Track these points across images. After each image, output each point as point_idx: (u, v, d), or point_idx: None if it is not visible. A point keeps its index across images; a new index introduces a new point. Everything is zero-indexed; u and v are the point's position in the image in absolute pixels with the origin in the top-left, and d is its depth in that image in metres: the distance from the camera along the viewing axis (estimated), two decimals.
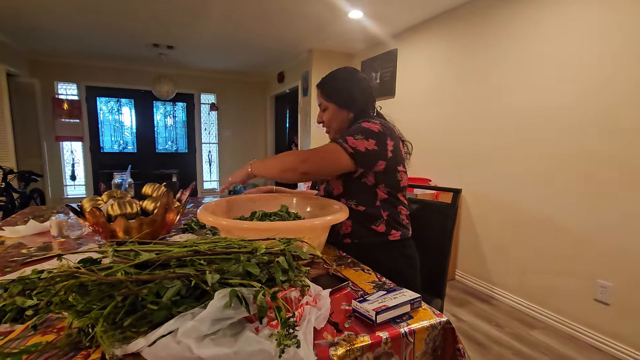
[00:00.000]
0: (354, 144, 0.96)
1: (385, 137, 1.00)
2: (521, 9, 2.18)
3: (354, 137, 0.97)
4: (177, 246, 0.58)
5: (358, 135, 0.97)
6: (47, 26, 3.31)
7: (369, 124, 1.00)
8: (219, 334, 0.50)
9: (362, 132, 0.98)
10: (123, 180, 1.47)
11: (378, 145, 0.98)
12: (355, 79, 1.12)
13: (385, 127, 1.02)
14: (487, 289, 2.46)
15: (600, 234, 1.80)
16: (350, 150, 0.96)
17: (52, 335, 0.53)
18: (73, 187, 5.04)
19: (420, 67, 3.03)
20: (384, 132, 1.00)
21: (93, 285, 0.52)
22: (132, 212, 0.94)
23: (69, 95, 4.81)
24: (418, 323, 0.60)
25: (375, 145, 0.97)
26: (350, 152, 0.96)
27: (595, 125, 1.82)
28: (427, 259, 1.31)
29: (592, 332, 1.85)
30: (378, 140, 0.98)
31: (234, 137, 5.85)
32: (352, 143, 0.96)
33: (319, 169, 0.98)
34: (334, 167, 0.99)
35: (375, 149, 0.97)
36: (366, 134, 0.97)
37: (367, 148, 0.96)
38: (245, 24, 3.17)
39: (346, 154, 0.96)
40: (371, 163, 0.99)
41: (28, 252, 0.95)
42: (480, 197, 2.51)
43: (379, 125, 1.00)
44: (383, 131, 1.00)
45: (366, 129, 0.99)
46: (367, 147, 0.96)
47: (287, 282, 0.57)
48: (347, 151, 0.96)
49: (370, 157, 0.97)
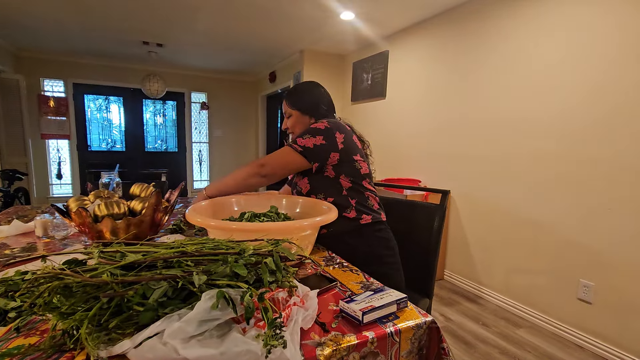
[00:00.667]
0: (302, 143, 1.09)
1: (332, 131, 1.11)
2: (514, 13, 2.22)
3: (302, 138, 1.10)
4: (164, 247, 0.58)
5: (306, 135, 1.10)
6: (33, 22, 3.24)
7: (316, 124, 1.13)
8: (206, 335, 0.50)
9: (309, 132, 1.11)
10: (111, 179, 1.45)
11: (326, 140, 1.09)
12: (316, 90, 1.28)
13: (332, 123, 1.13)
14: (475, 288, 2.50)
15: (583, 234, 1.85)
16: (300, 149, 1.09)
17: (35, 337, 0.52)
18: (59, 186, 4.94)
19: (411, 69, 3.06)
20: (331, 128, 1.11)
21: (78, 287, 0.52)
22: (119, 213, 0.93)
23: (56, 93, 4.71)
24: (404, 323, 0.61)
25: (323, 140, 1.09)
26: (300, 150, 1.09)
27: (579, 128, 1.87)
28: (416, 259, 1.33)
29: (575, 331, 1.89)
30: (326, 136, 1.10)
31: (225, 136, 5.82)
32: (301, 142, 1.09)
33: (277, 170, 1.10)
34: (290, 166, 1.11)
35: (324, 144, 1.09)
36: (313, 133, 1.10)
37: (315, 144, 1.08)
38: (237, 23, 3.16)
39: (297, 152, 1.09)
40: (323, 156, 1.10)
41: (11, 253, 0.93)
42: (468, 198, 2.55)
43: (326, 122, 1.13)
44: (330, 127, 1.11)
45: (313, 128, 1.12)
46: (314, 143, 1.09)
47: (274, 283, 0.58)
48: (297, 150, 1.09)
49: (320, 151, 1.09)
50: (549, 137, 2.01)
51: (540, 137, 2.05)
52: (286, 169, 1.11)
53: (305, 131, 1.12)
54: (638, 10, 1.63)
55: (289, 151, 1.10)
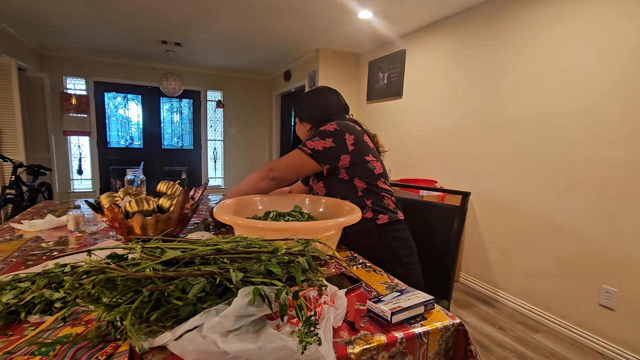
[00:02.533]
0: (311, 146, 1.09)
1: (342, 133, 1.10)
2: (535, 12, 2.18)
3: (312, 140, 1.10)
4: (200, 244, 0.60)
5: (315, 137, 1.11)
6: (56, 22, 3.34)
7: (325, 126, 1.13)
8: (242, 330, 0.52)
9: (318, 135, 1.11)
10: (135, 176, 1.49)
11: (335, 142, 1.09)
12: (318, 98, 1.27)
13: (342, 125, 1.13)
14: (491, 291, 2.47)
15: (607, 239, 1.81)
16: (309, 152, 1.09)
17: (80, 327, 0.55)
18: (80, 181, 5.09)
19: (429, 69, 3.03)
20: (340, 130, 1.11)
21: (121, 280, 0.54)
22: (149, 209, 0.96)
23: (77, 90, 4.85)
24: (431, 324, 0.62)
25: (332, 142, 1.09)
26: (310, 152, 1.09)
27: (605, 130, 1.82)
28: (434, 261, 1.33)
29: (596, 338, 1.85)
30: (335, 138, 1.09)
31: (239, 134, 5.88)
32: (310, 145, 1.10)
33: (285, 173, 1.11)
34: (300, 169, 1.12)
35: (334, 146, 1.09)
36: (322, 135, 1.10)
37: (324, 147, 1.09)
38: (254, 22, 3.19)
39: (306, 155, 1.09)
40: (333, 158, 1.10)
41: (47, 246, 0.97)
42: (485, 199, 2.52)
43: (335, 124, 1.12)
44: (339, 129, 1.11)
45: (322, 131, 1.11)
46: (324, 145, 1.09)
47: (306, 282, 0.59)
48: (306, 153, 1.09)
49: (329, 154, 1.09)
50: (572, 138, 1.97)
51: (563, 138, 2.01)
52: (296, 171, 1.12)
53: (315, 134, 1.13)
54: None
55: (299, 154, 1.10)
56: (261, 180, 1.12)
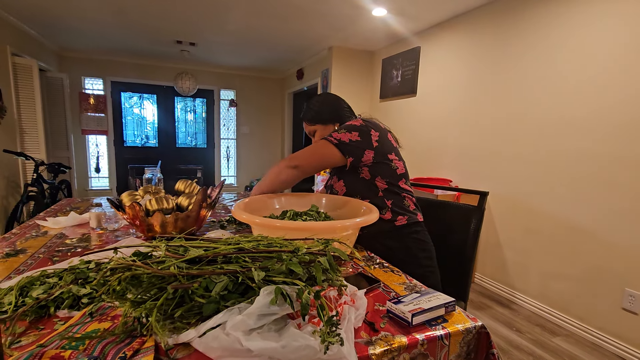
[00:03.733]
0: (337, 137, 1.09)
1: (368, 129, 1.11)
2: (555, 7, 2.12)
3: (338, 132, 1.11)
4: (222, 243, 0.61)
5: (342, 130, 1.11)
6: (75, 23, 3.43)
7: (351, 121, 1.15)
8: (264, 329, 0.52)
9: (345, 128, 1.12)
10: (153, 175, 1.52)
11: (361, 136, 1.09)
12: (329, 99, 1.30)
13: (368, 121, 1.14)
14: (508, 293, 2.43)
15: (629, 240, 1.75)
16: (335, 142, 1.09)
17: (107, 322, 0.56)
18: (97, 179, 5.22)
19: (444, 66, 2.99)
20: (366, 125, 1.12)
21: (146, 278, 0.55)
22: (168, 208, 0.98)
23: (95, 90, 4.97)
24: (453, 326, 0.61)
25: (358, 136, 1.09)
26: (335, 142, 1.09)
27: (626, 131, 1.76)
28: (450, 261, 1.31)
29: (618, 342, 1.80)
30: (361, 132, 1.10)
31: (252, 133, 5.92)
32: (337, 136, 1.10)
33: (309, 161, 1.10)
34: (323, 158, 1.11)
35: (359, 140, 1.09)
36: (349, 129, 1.11)
37: (350, 139, 1.09)
38: (267, 22, 3.20)
39: (332, 144, 1.09)
40: (357, 152, 1.09)
41: (71, 243, 1.00)
42: (502, 199, 2.47)
43: (361, 120, 1.14)
44: (365, 124, 1.12)
45: (348, 125, 1.13)
46: (350, 138, 1.09)
47: (326, 282, 0.59)
48: (332, 143, 1.09)
49: (354, 146, 1.09)
50: (593, 137, 1.91)
51: (583, 137, 1.96)
52: (319, 161, 1.11)
53: (341, 127, 1.13)
54: None
55: (324, 143, 1.10)
56: (283, 171, 1.08)
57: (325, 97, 1.32)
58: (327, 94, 1.34)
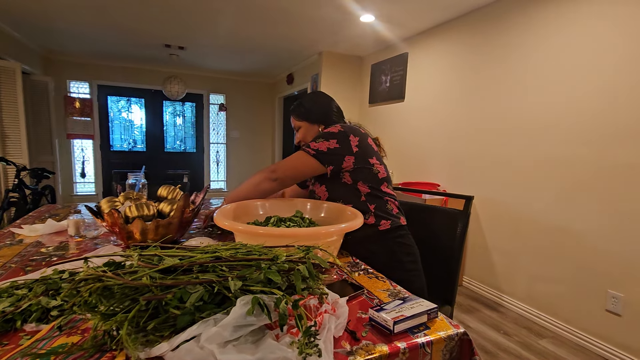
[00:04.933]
0: (315, 147, 1.09)
1: (347, 134, 1.10)
2: (540, 14, 2.16)
3: (316, 142, 1.10)
4: (199, 252, 0.59)
5: (319, 139, 1.10)
6: (61, 26, 3.37)
7: (329, 128, 1.14)
8: (241, 340, 0.51)
9: (322, 136, 1.11)
10: (137, 180, 1.49)
11: (340, 143, 1.09)
12: (321, 98, 1.29)
13: (346, 127, 1.13)
14: (495, 296, 2.45)
15: (612, 243, 1.78)
16: (313, 152, 1.08)
17: (76, 336, 0.54)
18: (83, 184, 5.11)
19: (431, 72, 3.02)
20: (345, 131, 1.11)
21: (118, 289, 0.53)
22: (149, 214, 0.95)
23: (81, 94, 4.88)
24: (435, 334, 0.61)
25: (337, 143, 1.09)
26: (313, 153, 1.08)
27: (608, 132, 1.80)
28: (437, 265, 1.31)
29: (602, 343, 1.82)
30: (339, 139, 1.09)
31: (242, 137, 5.89)
32: (314, 146, 1.09)
33: (288, 173, 1.11)
34: (303, 170, 1.11)
35: (338, 147, 1.08)
36: (326, 137, 1.10)
37: (328, 148, 1.08)
38: (257, 26, 3.19)
39: (310, 156, 1.09)
40: (337, 160, 1.09)
41: (47, 252, 0.97)
42: (489, 203, 2.49)
43: (339, 126, 1.13)
44: (344, 130, 1.11)
45: (326, 132, 1.12)
46: (328, 147, 1.08)
47: (306, 290, 0.58)
48: (310, 154, 1.09)
49: (334, 154, 1.08)
50: (577, 142, 1.95)
51: (567, 142, 1.99)
52: (299, 172, 1.12)
53: (319, 135, 1.12)
54: None
55: (302, 155, 1.10)
56: (263, 182, 1.10)
57: (318, 96, 1.31)
58: (319, 94, 1.33)
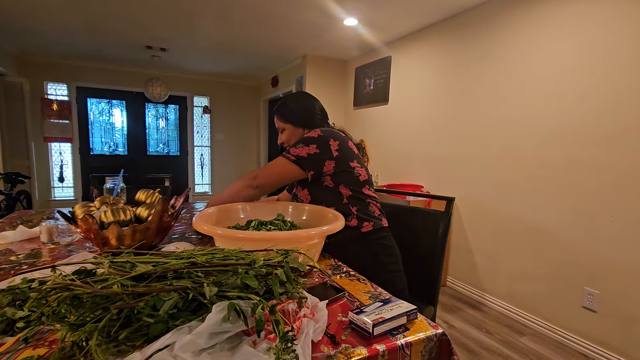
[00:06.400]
0: (295, 153, 1.10)
1: (326, 139, 1.11)
2: (515, 21, 2.23)
3: (296, 147, 1.11)
4: (173, 257, 0.58)
5: (299, 144, 1.11)
6: (37, 26, 3.26)
7: (309, 133, 1.14)
8: (217, 348, 0.50)
9: (302, 141, 1.11)
10: (115, 184, 1.45)
11: (320, 148, 1.09)
12: (306, 101, 1.28)
13: (326, 131, 1.13)
14: (478, 295, 2.49)
15: (588, 242, 1.84)
16: (293, 158, 1.09)
17: (44, 348, 0.52)
18: (61, 189, 4.94)
19: (413, 75, 3.07)
20: (324, 135, 1.11)
21: (88, 298, 0.51)
22: (125, 220, 0.93)
23: (59, 96, 4.73)
24: (414, 335, 0.61)
25: (316, 148, 1.09)
26: (293, 159, 1.09)
27: (584, 135, 1.87)
28: (420, 266, 1.33)
29: (580, 339, 1.88)
30: (319, 144, 1.09)
31: (227, 140, 5.83)
32: (294, 152, 1.10)
33: (269, 180, 1.12)
34: (283, 176, 1.12)
35: (318, 152, 1.09)
36: (306, 142, 1.10)
37: (308, 153, 1.09)
38: (239, 28, 3.17)
39: (290, 162, 1.10)
40: (317, 164, 1.09)
41: (17, 260, 0.93)
42: (471, 204, 2.54)
43: (319, 131, 1.13)
44: (323, 135, 1.11)
45: (306, 137, 1.12)
46: (308, 152, 1.09)
47: (284, 295, 0.57)
48: (290, 160, 1.10)
49: (314, 160, 1.09)
50: (555, 143, 2.01)
51: (546, 143, 2.05)
52: (279, 179, 1.12)
53: (299, 141, 1.12)
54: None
55: (283, 161, 1.10)
56: (244, 189, 1.12)
57: (302, 98, 1.30)
58: (304, 95, 1.32)
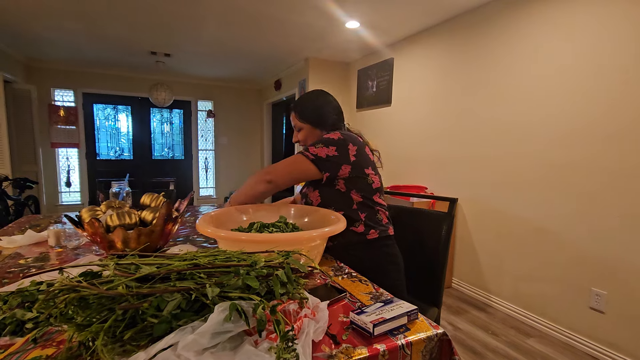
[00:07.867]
0: (314, 152, 1.08)
1: (346, 143, 1.09)
2: (516, 22, 2.23)
3: (315, 147, 1.09)
4: (177, 259, 0.59)
5: (319, 144, 1.09)
6: (44, 34, 3.32)
7: (330, 134, 1.12)
8: (219, 347, 0.51)
9: (322, 142, 1.09)
10: (121, 189, 1.47)
11: (339, 151, 1.08)
12: (323, 100, 1.25)
13: (346, 135, 1.12)
14: (484, 297, 2.47)
15: (594, 242, 1.83)
16: (312, 157, 1.07)
17: (52, 348, 0.53)
18: (68, 193, 5.00)
19: (416, 77, 3.07)
20: (344, 139, 1.10)
21: (94, 299, 0.53)
22: (130, 223, 0.94)
23: (66, 102, 4.80)
24: (415, 335, 0.61)
25: (335, 151, 1.08)
26: (312, 158, 1.07)
27: (591, 137, 1.85)
28: (424, 268, 1.33)
29: (588, 341, 1.86)
30: (338, 147, 1.08)
31: (231, 144, 5.87)
32: (313, 151, 1.08)
33: (283, 176, 1.09)
34: (298, 173, 1.10)
35: (336, 155, 1.08)
36: (326, 143, 1.09)
37: (327, 154, 1.07)
38: (243, 33, 3.21)
39: (308, 160, 1.08)
40: (334, 167, 1.08)
41: (26, 263, 0.95)
42: (476, 205, 2.53)
43: (339, 134, 1.12)
44: (343, 138, 1.10)
45: (326, 138, 1.10)
46: (327, 153, 1.08)
47: (285, 295, 0.58)
48: (308, 158, 1.08)
49: (331, 162, 1.08)
50: (557, 144, 2.00)
51: (551, 144, 2.04)
52: (295, 176, 1.10)
53: (319, 140, 1.11)
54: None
55: (300, 158, 1.09)
56: (258, 183, 1.09)
57: (320, 97, 1.25)
58: (322, 94, 1.26)
